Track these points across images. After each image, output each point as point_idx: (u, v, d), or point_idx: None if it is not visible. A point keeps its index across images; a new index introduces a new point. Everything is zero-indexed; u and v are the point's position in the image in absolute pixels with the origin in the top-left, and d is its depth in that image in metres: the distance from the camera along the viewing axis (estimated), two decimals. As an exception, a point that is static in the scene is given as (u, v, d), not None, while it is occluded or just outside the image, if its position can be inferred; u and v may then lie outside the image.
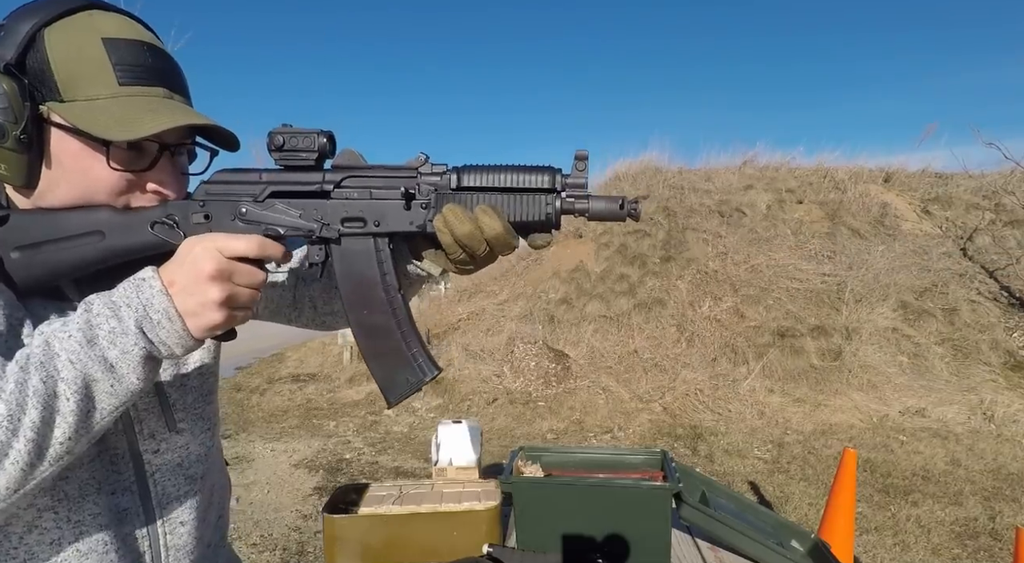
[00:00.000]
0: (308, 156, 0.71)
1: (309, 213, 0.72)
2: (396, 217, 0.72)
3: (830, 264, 8.63)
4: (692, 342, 7.57)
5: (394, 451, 5.68)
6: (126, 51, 0.68)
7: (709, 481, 1.92)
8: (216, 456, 0.91)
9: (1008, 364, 7.13)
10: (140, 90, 0.68)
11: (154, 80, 0.70)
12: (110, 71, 0.67)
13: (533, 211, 0.70)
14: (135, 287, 0.64)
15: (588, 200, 0.70)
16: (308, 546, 3.73)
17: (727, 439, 5.89)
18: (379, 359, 0.77)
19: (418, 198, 0.72)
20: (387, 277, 0.75)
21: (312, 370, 8.84)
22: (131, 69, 0.68)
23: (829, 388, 6.82)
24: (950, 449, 5.54)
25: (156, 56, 0.71)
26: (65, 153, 0.67)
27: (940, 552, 3.79)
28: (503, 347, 7.76)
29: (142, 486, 0.76)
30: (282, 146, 0.70)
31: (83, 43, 0.66)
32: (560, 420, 6.49)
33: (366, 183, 0.72)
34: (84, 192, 0.69)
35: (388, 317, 0.76)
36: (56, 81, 0.66)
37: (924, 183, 10.51)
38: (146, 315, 0.63)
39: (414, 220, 0.72)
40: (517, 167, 0.71)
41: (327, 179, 0.72)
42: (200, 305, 0.64)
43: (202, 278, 0.64)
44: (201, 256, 0.64)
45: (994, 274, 8.29)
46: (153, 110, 0.67)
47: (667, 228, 9.42)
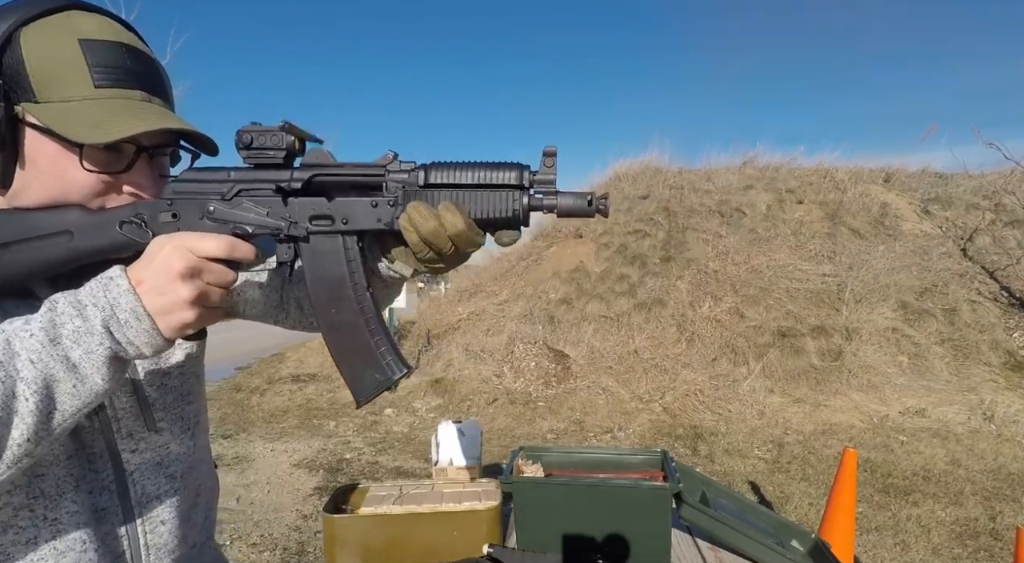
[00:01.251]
0: (276, 154, 0.70)
1: (277, 211, 0.72)
2: (364, 215, 0.72)
3: (830, 264, 8.64)
4: (692, 342, 7.57)
5: (394, 451, 5.68)
6: (103, 53, 0.67)
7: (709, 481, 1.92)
8: (200, 456, 0.90)
9: (1008, 364, 7.13)
10: (117, 92, 0.68)
11: (132, 82, 0.69)
12: (86, 73, 0.66)
13: (500, 207, 0.70)
14: (102, 286, 0.63)
15: (556, 196, 0.70)
16: (308, 546, 3.73)
17: (727, 439, 5.89)
18: (347, 358, 0.76)
19: (385, 195, 0.71)
20: (355, 275, 0.75)
21: (312, 370, 8.84)
22: (108, 71, 0.67)
23: (829, 388, 6.82)
24: (950, 449, 5.54)
25: (135, 58, 0.70)
26: (39, 154, 0.67)
27: (940, 552, 3.79)
28: (503, 347, 7.76)
29: (121, 485, 0.76)
30: (250, 144, 0.70)
31: (59, 44, 0.66)
32: (560, 420, 6.49)
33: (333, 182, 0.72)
34: (59, 193, 0.68)
35: (356, 315, 0.75)
36: (31, 82, 0.65)
37: (924, 183, 10.51)
38: (113, 314, 0.61)
39: (382, 218, 0.72)
40: (485, 164, 0.70)
41: (295, 177, 0.71)
42: (170, 304, 0.63)
43: (172, 276, 0.63)
44: (171, 254, 0.64)
45: (994, 274, 8.29)
46: (128, 113, 0.67)
47: (667, 228, 9.42)
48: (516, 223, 0.71)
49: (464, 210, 0.70)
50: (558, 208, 0.70)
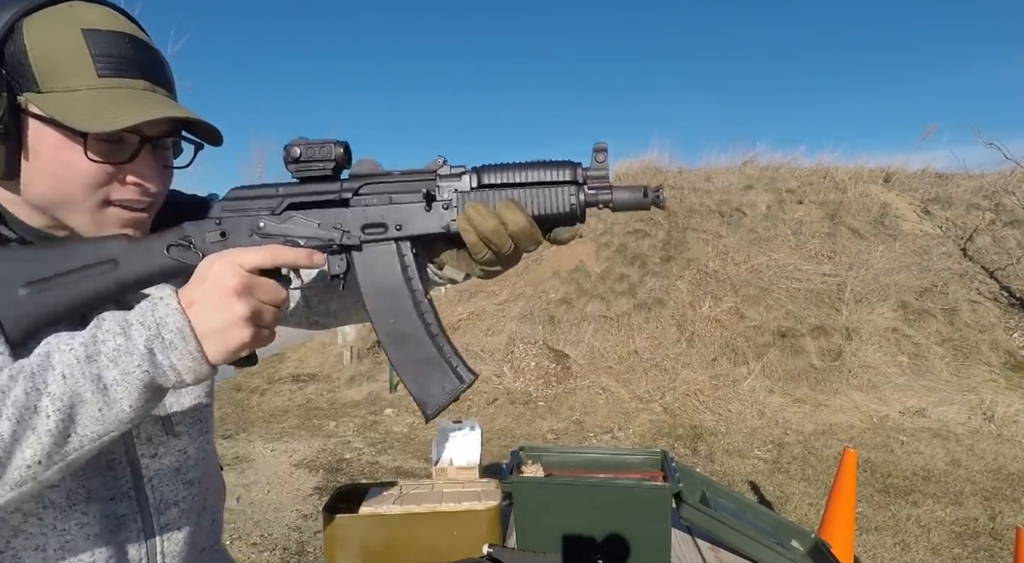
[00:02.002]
0: (325, 166, 0.70)
1: (328, 223, 0.71)
2: (418, 219, 0.71)
3: (830, 264, 8.63)
4: (692, 342, 7.57)
5: (394, 451, 5.68)
6: (106, 42, 0.66)
7: (709, 481, 1.92)
8: (211, 459, 0.90)
9: (1008, 364, 7.13)
10: (120, 82, 0.67)
11: (135, 72, 0.68)
12: (89, 62, 0.65)
13: (557, 204, 0.70)
14: (151, 305, 0.62)
15: (611, 191, 0.70)
16: (308, 546, 3.73)
17: (727, 439, 5.89)
18: (411, 369, 0.74)
19: (439, 199, 0.71)
20: (412, 281, 0.73)
21: (312, 370, 8.84)
22: (111, 60, 0.66)
23: (829, 388, 6.82)
24: (950, 449, 5.54)
25: (138, 48, 0.69)
26: (44, 144, 0.66)
27: (940, 552, 3.79)
28: (503, 347, 7.76)
29: (139, 492, 0.75)
30: (299, 158, 0.70)
31: (62, 33, 0.65)
32: (560, 420, 6.49)
33: (385, 189, 0.72)
34: (64, 184, 0.67)
35: (417, 324, 0.74)
36: (34, 72, 0.64)
37: (924, 183, 10.51)
38: (158, 334, 0.60)
39: (437, 221, 0.71)
40: (537, 163, 0.71)
41: (345, 188, 0.71)
42: (226, 322, 0.62)
43: (226, 293, 0.62)
44: (223, 272, 0.63)
45: (994, 274, 8.29)
46: (132, 102, 0.66)
47: (667, 228, 9.42)
48: (574, 219, 0.71)
49: (524, 207, 0.70)
50: (614, 202, 0.71)
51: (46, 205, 0.69)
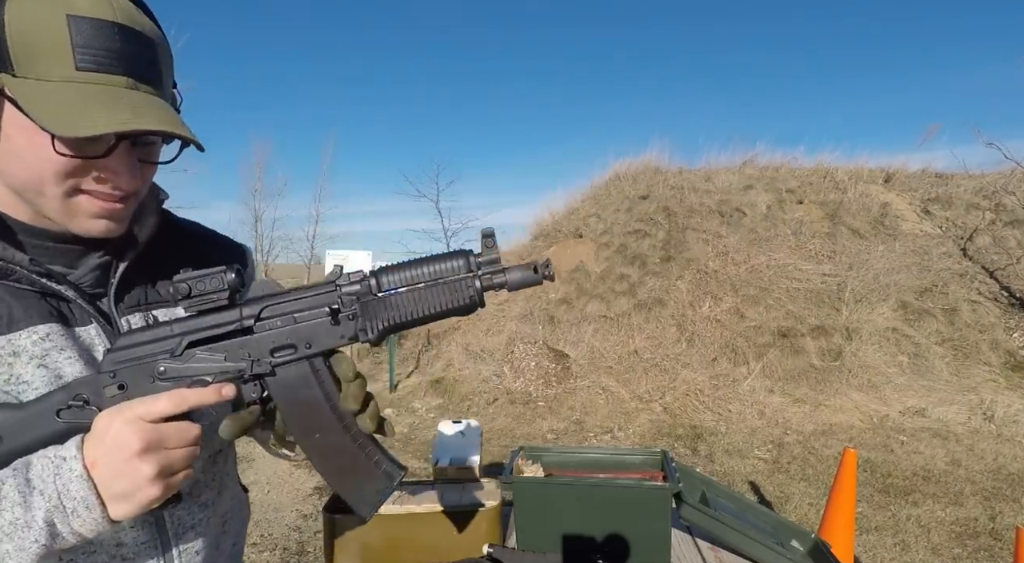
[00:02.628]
0: (219, 296, 0.67)
1: (235, 353, 0.69)
2: (326, 335, 0.70)
3: (830, 264, 8.63)
4: (692, 342, 7.57)
5: (394, 451, 5.67)
6: (91, 32, 0.61)
7: (709, 481, 1.92)
8: (228, 482, 0.89)
9: (1008, 364, 7.13)
10: (98, 77, 0.62)
11: (117, 67, 0.63)
12: (69, 53, 0.61)
13: (457, 297, 0.70)
14: (53, 469, 0.58)
15: (504, 273, 0.70)
16: (308, 546, 3.73)
17: (727, 439, 5.89)
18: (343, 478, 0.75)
19: (343, 311, 0.70)
20: (330, 395, 0.73)
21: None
22: (93, 53, 0.61)
23: (829, 388, 6.82)
24: (950, 449, 5.54)
25: (127, 39, 0.64)
26: (15, 127, 0.62)
27: (940, 552, 3.79)
28: (503, 347, 7.76)
29: (158, 517, 0.75)
30: (189, 293, 0.67)
31: (45, 16, 0.60)
32: (560, 420, 6.49)
33: (287, 309, 0.70)
34: (33, 170, 0.64)
35: (341, 434, 0.74)
36: (9, 52, 0.60)
37: (924, 183, 10.51)
38: (59, 504, 0.57)
39: (344, 333, 0.70)
40: (430, 258, 0.71)
41: (245, 314, 0.69)
42: (132, 486, 0.58)
43: (130, 456, 0.58)
44: (122, 430, 0.58)
45: (994, 274, 8.29)
46: (104, 105, 0.61)
47: (667, 228, 9.42)
48: (474, 307, 0.71)
49: None
50: (508, 284, 0.70)
51: (20, 190, 0.67)
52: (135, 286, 0.78)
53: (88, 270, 0.74)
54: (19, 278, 0.69)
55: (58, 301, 0.72)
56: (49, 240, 0.71)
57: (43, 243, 0.71)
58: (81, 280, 0.74)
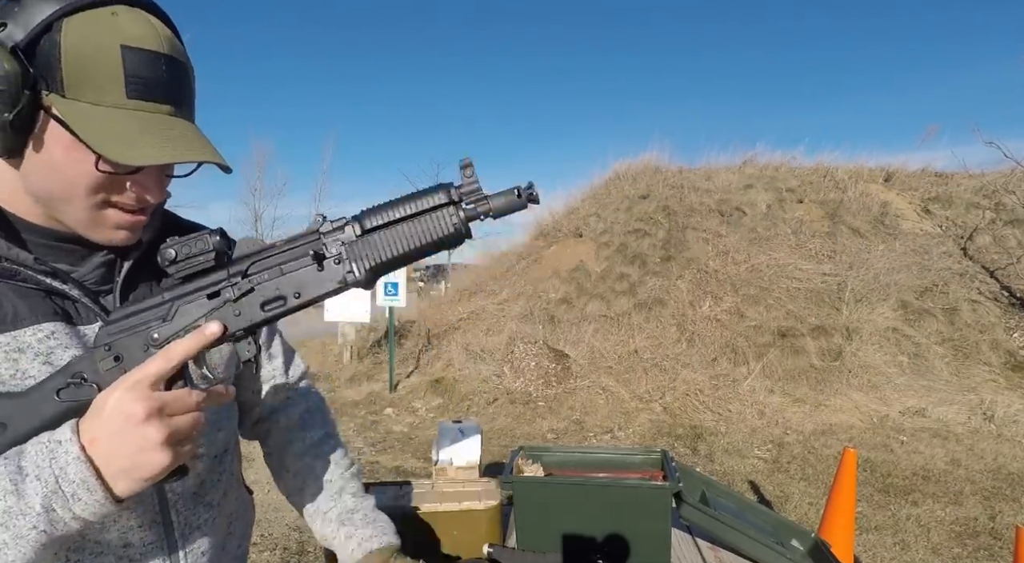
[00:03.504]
0: (206, 258, 0.68)
1: (226, 311, 0.69)
2: (315, 282, 0.70)
3: (830, 264, 8.63)
4: (692, 342, 7.57)
5: (394, 451, 5.68)
6: (142, 63, 0.65)
7: (709, 481, 1.92)
8: (233, 483, 0.90)
9: (1008, 364, 7.13)
10: (146, 105, 0.66)
11: (162, 96, 0.67)
12: (121, 81, 0.64)
13: (441, 228, 0.70)
14: (48, 453, 0.57)
15: (488, 200, 0.70)
16: (308, 545, 3.73)
17: (727, 439, 5.89)
18: None
19: (329, 256, 0.70)
20: None
21: (312, 370, 8.84)
22: (142, 83, 0.65)
23: (829, 388, 6.82)
24: (950, 449, 5.54)
25: (171, 69, 0.68)
26: (57, 144, 0.65)
27: (940, 551, 3.79)
28: (503, 347, 7.76)
29: (165, 517, 0.76)
30: (175, 258, 0.67)
31: (100, 45, 0.63)
32: (560, 420, 6.49)
33: (273, 261, 0.70)
34: (68, 183, 0.67)
35: None
36: (63, 75, 0.62)
37: (924, 182, 10.51)
38: (57, 489, 0.56)
39: (332, 278, 0.70)
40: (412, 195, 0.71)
41: (233, 272, 0.69)
42: (141, 452, 0.58)
43: (134, 422, 0.57)
44: (122, 399, 0.58)
45: (994, 274, 8.29)
46: (153, 134, 0.65)
47: (667, 227, 9.42)
48: (460, 237, 0.71)
49: None
50: (493, 210, 0.70)
51: (46, 198, 0.69)
52: (139, 284, 0.80)
53: (93, 268, 0.76)
54: (24, 278, 0.70)
55: (63, 300, 0.73)
56: (54, 239, 0.73)
57: (48, 242, 0.73)
58: (86, 277, 0.76)
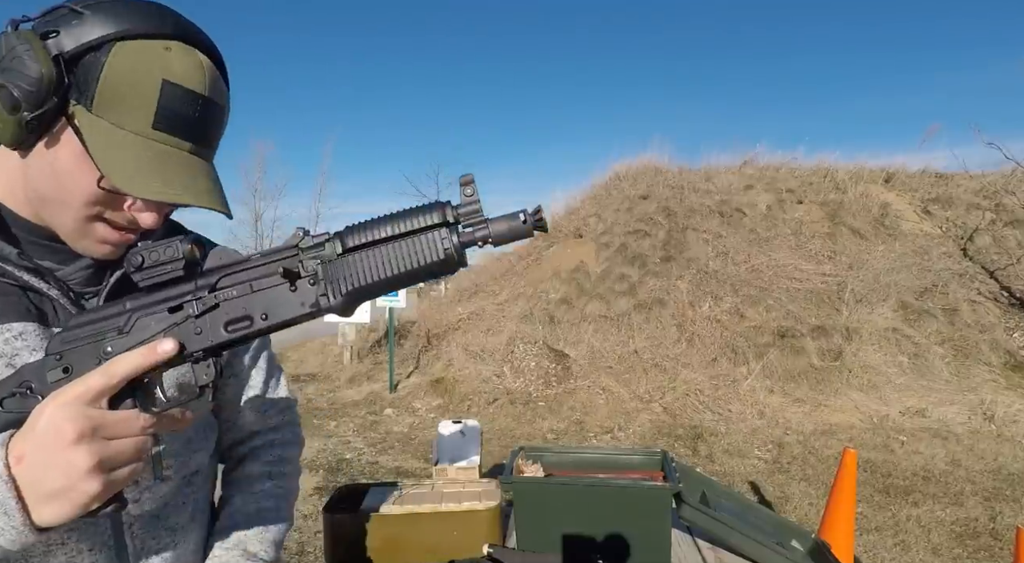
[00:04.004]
0: (174, 267, 0.62)
1: (186, 328, 0.62)
2: (285, 303, 0.63)
3: (830, 264, 8.64)
4: (692, 342, 7.57)
5: (395, 451, 5.68)
6: (179, 100, 0.65)
7: (709, 481, 1.92)
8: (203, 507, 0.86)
9: (1008, 364, 7.13)
10: (168, 139, 0.66)
11: (187, 134, 0.67)
12: (151, 111, 0.64)
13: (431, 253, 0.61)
14: None
15: (487, 225, 0.61)
16: (308, 546, 3.73)
17: (727, 439, 5.89)
18: None
19: (304, 275, 0.62)
20: None
21: (312, 370, 8.85)
22: (172, 118, 0.65)
23: (829, 388, 6.82)
24: (950, 449, 5.54)
25: (206, 110, 0.68)
26: (68, 150, 0.65)
27: (940, 552, 3.79)
28: (503, 347, 7.76)
29: (119, 541, 0.71)
30: (142, 265, 0.62)
31: (143, 73, 0.63)
32: (560, 420, 6.49)
33: (244, 277, 0.63)
34: (66, 189, 0.66)
35: None
36: (96, 93, 0.63)
37: (925, 183, 10.51)
38: None
39: (304, 301, 0.62)
40: (403, 212, 0.63)
41: (200, 285, 0.63)
42: (65, 481, 0.51)
43: (62, 445, 0.51)
44: (55, 415, 0.52)
45: (994, 274, 8.29)
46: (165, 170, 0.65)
47: (667, 228, 9.42)
48: (452, 264, 0.62)
49: None
50: (492, 237, 0.62)
51: (40, 196, 0.68)
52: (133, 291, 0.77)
53: (79, 269, 0.74)
54: (2, 273, 0.68)
55: (40, 298, 0.71)
56: (44, 238, 0.72)
57: (38, 240, 0.72)
58: (70, 277, 0.74)
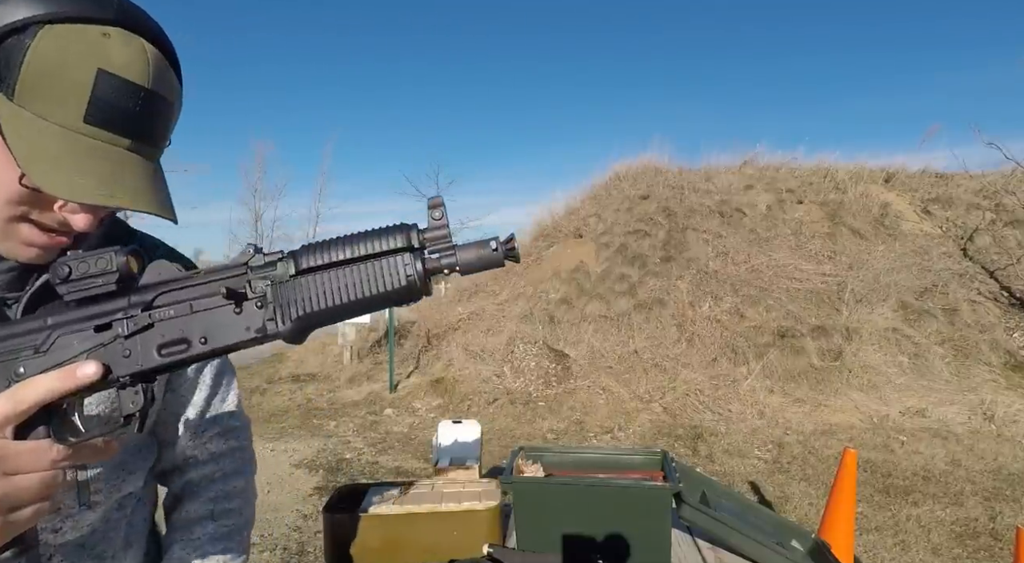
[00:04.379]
0: (106, 281, 0.56)
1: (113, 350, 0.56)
2: (228, 326, 0.57)
3: (830, 264, 8.64)
4: (692, 342, 7.57)
5: (394, 451, 5.68)
6: (116, 91, 0.59)
7: (709, 481, 1.92)
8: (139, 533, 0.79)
9: (1008, 364, 7.13)
10: (101, 135, 0.59)
11: (125, 130, 0.61)
12: (83, 103, 0.58)
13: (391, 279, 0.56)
14: None
15: (455, 252, 0.57)
16: (308, 546, 3.73)
17: (727, 439, 5.89)
18: None
19: (251, 296, 0.57)
20: None
21: (312, 370, 8.85)
22: (107, 111, 0.59)
23: (829, 388, 6.82)
24: (950, 449, 5.54)
25: (149, 104, 0.62)
26: None
27: (940, 552, 3.79)
28: (503, 347, 7.76)
29: None
30: (68, 276, 0.55)
31: (76, 63, 0.57)
32: (560, 420, 6.49)
33: (185, 295, 0.57)
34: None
35: None
36: (17, 80, 0.57)
37: (925, 183, 10.51)
38: None
39: (250, 325, 0.56)
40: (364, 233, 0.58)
41: (134, 302, 0.57)
42: None
43: None
44: None
45: (994, 274, 8.29)
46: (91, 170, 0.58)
47: (667, 228, 9.42)
48: (415, 292, 0.57)
49: None
50: (459, 265, 0.57)
51: None
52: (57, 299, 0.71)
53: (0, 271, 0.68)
54: None
55: None
56: None
57: None
58: None
